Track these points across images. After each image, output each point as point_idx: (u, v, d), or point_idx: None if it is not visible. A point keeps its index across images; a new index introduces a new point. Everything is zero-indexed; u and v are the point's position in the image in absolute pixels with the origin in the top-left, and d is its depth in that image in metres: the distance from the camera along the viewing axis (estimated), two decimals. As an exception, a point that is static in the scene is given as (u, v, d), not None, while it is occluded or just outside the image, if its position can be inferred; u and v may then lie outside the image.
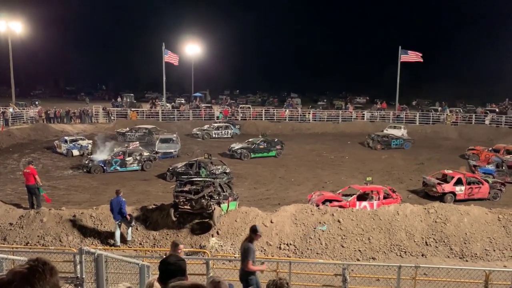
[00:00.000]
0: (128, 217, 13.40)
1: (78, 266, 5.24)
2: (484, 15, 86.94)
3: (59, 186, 20.48)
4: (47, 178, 21.29)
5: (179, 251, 7.15)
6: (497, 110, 47.76)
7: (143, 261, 7.65)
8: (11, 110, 38.46)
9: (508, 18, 77.56)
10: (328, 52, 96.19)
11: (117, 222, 13.35)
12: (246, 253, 7.34)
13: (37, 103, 48.13)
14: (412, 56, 42.46)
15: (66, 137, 29.13)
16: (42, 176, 18.85)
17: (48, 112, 39.80)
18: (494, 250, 13.20)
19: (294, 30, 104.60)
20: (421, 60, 42.43)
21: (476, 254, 13.10)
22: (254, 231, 7.57)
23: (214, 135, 35.55)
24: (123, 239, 13.53)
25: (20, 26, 42.30)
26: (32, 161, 18.08)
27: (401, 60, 42.44)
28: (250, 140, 29.48)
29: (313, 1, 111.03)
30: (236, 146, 28.23)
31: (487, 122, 40.50)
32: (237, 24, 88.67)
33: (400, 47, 42.45)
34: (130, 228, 13.55)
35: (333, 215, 13.96)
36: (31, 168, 16.07)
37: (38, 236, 13.61)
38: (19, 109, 41.06)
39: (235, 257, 12.07)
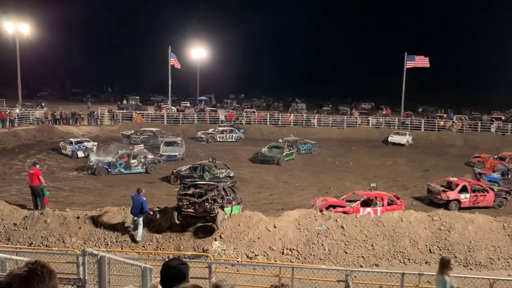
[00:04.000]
0: (151, 213, 13.73)
1: (81, 268, 5.25)
2: (490, 22, 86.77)
3: (63, 188, 20.55)
4: (52, 179, 21.37)
5: (451, 265, 6.96)
6: (503, 118, 47.51)
7: (145, 263, 7.67)
8: (17, 111, 38.68)
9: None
10: (334, 57, 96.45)
11: (135, 218, 13.64)
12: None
13: (43, 104, 48.25)
14: (419, 62, 42.20)
15: (71, 139, 29.24)
16: (46, 177, 18.93)
17: (54, 113, 39.99)
18: (498, 259, 13.09)
19: (300, 35, 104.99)
20: (428, 65, 42.20)
21: (480, 262, 13.01)
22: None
23: (218, 139, 35.62)
24: (133, 239, 13.64)
25: (27, 27, 42.50)
26: (37, 162, 18.09)
27: (407, 66, 42.28)
28: (272, 144, 29.49)
29: (320, 7, 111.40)
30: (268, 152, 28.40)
31: (493, 129, 40.29)
32: (243, 28, 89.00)
33: (406, 53, 42.35)
34: (141, 229, 13.67)
35: (336, 220, 13.91)
36: (35, 169, 16.11)
37: (41, 237, 13.66)
38: (25, 110, 41.29)
39: (237, 261, 12.04)
